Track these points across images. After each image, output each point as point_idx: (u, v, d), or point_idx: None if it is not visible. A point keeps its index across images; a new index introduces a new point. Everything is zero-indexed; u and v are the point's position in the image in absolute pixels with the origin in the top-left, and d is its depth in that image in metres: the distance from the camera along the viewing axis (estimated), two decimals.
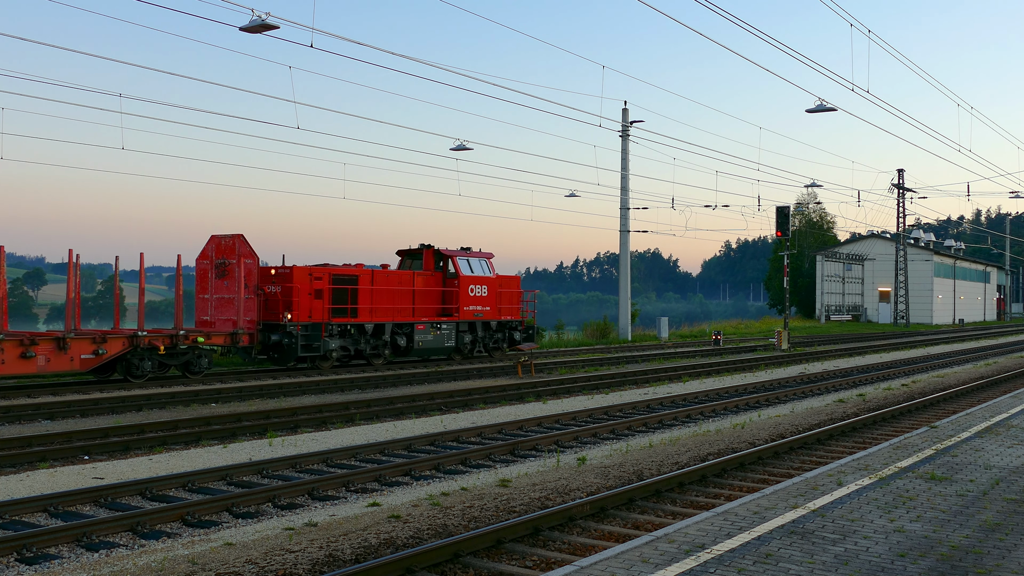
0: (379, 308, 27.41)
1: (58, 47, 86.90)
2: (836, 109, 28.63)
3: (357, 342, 26.75)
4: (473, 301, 30.01)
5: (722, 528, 7.66)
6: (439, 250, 29.95)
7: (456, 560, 7.77)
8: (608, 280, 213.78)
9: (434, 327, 28.84)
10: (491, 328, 31.09)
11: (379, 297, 27.47)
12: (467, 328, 30.12)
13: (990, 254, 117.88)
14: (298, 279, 25.33)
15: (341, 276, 26.55)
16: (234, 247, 24.58)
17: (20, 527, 9.06)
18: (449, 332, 29.33)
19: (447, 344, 29.25)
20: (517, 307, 32.23)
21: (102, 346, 21.22)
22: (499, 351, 31.79)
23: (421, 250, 30.42)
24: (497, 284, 31.18)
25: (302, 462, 12.21)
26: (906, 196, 72.98)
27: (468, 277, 29.86)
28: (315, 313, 25.55)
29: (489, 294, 30.63)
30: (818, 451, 13.89)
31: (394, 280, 28.22)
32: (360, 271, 27.08)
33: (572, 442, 14.58)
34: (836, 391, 22.83)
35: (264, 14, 18.20)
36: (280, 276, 25.58)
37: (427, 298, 29.09)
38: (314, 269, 25.92)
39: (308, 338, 25.26)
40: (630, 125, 46.11)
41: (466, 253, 30.32)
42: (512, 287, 32.10)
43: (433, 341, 28.77)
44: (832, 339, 50.29)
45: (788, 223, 38.71)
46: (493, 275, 30.99)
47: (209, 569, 7.44)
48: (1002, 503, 8.65)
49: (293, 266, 25.64)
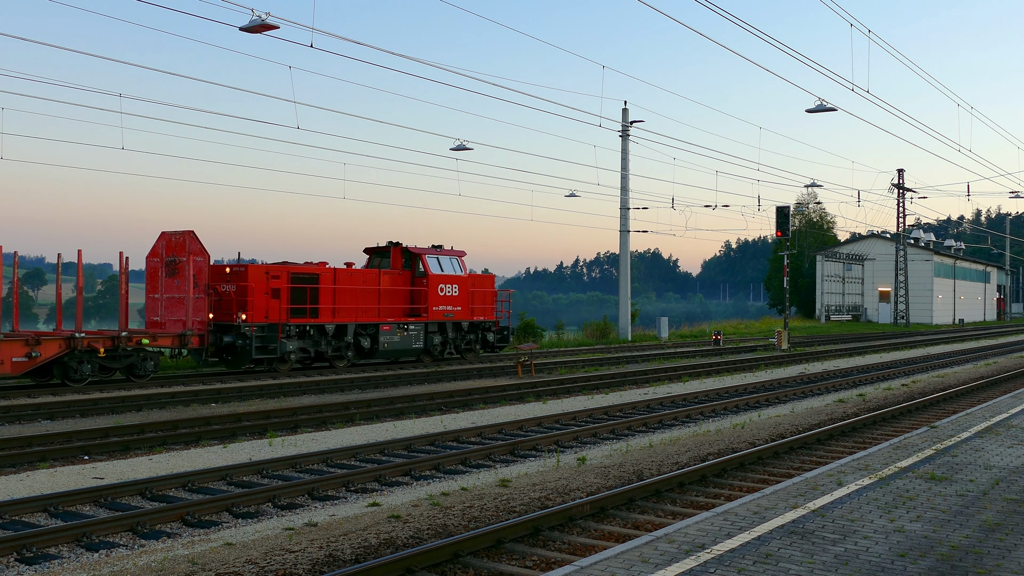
0: (342, 308, 26.42)
1: (58, 47, 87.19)
2: (836, 109, 28.64)
3: (317, 344, 25.81)
4: (443, 301, 29.05)
5: (722, 528, 7.66)
6: (407, 248, 28.97)
7: (456, 560, 7.77)
8: (608, 280, 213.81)
9: (401, 328, 27.83)
10: (462, 329, 30.09)
11: (342, 297, 26.50)
12: (437, 329, 29.11)
13: (990, 254, 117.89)
14: (253, 278, 24.40)
15: (300, 275, 25.55)
16: (184, 244, 23.54)
17: (20, 527, 9.06)
18: (417, 333, 28.31)
19: (415, 345, 28.29)
20: (491, 307, 31.18)
21: (35, 348, 20.13)
22: (471, 353, 30.75)
23: (389, 248, 29.48)
24: (469, 283, 30.20)
25: (302, 462, 12.21)
26: (906, 196, 73.03)
27: (438, 276, 28.87)
28: (272, 313, 24.61)
29: (460, 294, 29.65)
30: (818, 451, 13.89)
31: (358, 279, 27.18)
32: (321, 270, 26.13)
33: (572, 442, 14.58)
34: (836, 391, 22.83)
35: (264, 14, 18.21)
36: (235, 274, 24.54)
37: (394, 298, 28.16)
38: (271, 267, 25.07)
39: (264, 339, 24.35)
40: (630, 125, 46.12)
41: (436, 251, 29.34)
42: (485, 286, 31.15)
43: (400, 342, 27.79)
44: (832, 339, 50.29)
45: (788, 223, 38.71)
46: (464, 274, 30.02)
47: (209, 569, 7.44)
48: (1002, 503, 8.65)
49: (248, 264, 24.77)
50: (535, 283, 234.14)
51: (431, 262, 28.84)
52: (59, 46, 33.33)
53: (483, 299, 30.78)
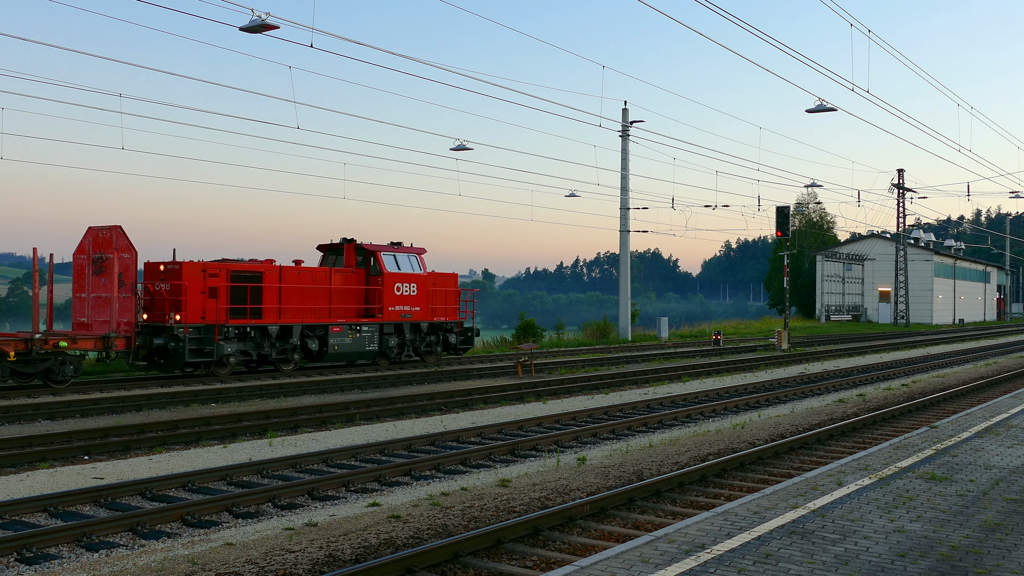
0: (288, 308, 25.05)
1: (58, 47, 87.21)
2: (836, 109, 28.64)
3: (260, 346, 24.41)
4: (400, 301, 27.64)
5: (722, 528, 7.66)
6: (361, 245, 27.61)
7: (456, 560, 7.77)
8: (608, 280, 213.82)
9: (353, 329, 26.43)
10: (421, 330, 28.62)
11: (288, 296, 25.13)
12: (393, 330, 27.69)
13: (990, 254, 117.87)
14: (188, 276, 23.00)
15: (241, 273, 24.12)
16: (111, 240, 22.25)
17: (20, 527, 9.06)
18: (371, 334, 26.91)
19: (368, 348, 26.86)
20: (454, 307, 29.85)
21: None
22: (432, 355, 29.25)
23: (342, 245, 28.05)
24: (429, 282, 28.83)
25: (302, 462, 12.21)
26: (906, 196, 73.03)
27: (394, 274, 27.48)
28: (209, 314, 23.22)
29: (419, 293, 28.27)
30: (818, 451, 13.89)
31: (306, 277, 25.80)
32: (266, 267, 24.79)
33: (572, 442, 14.58)
34: (836, 391, 22.83)
35: (264, 14, 18.21)
36: (169, 272, 23.17)
37: (346, 297, 26.81)
38: (209, 265, 23.61)
39: (199, 341, 22.93)
40: (630, 125, 46.13)
41: (393, 248, 27.98)
42: (448, 286, 29.81)
43: (352, 345, 26.35)
44: (832, 339, 50.29)
45: (788, 223, 38.72)
46: (424, 272, 28.62)
47: (209, 569, 7.44)
48: (1002, 503, 8.65)
49: (183, 261, 23.28)
50: (535, 283, 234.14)
51: (387, 260, 27.54)
52: (59, 46, 33.34)
53: (445, 299, 29.52)
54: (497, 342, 41.44)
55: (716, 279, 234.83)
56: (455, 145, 35.23)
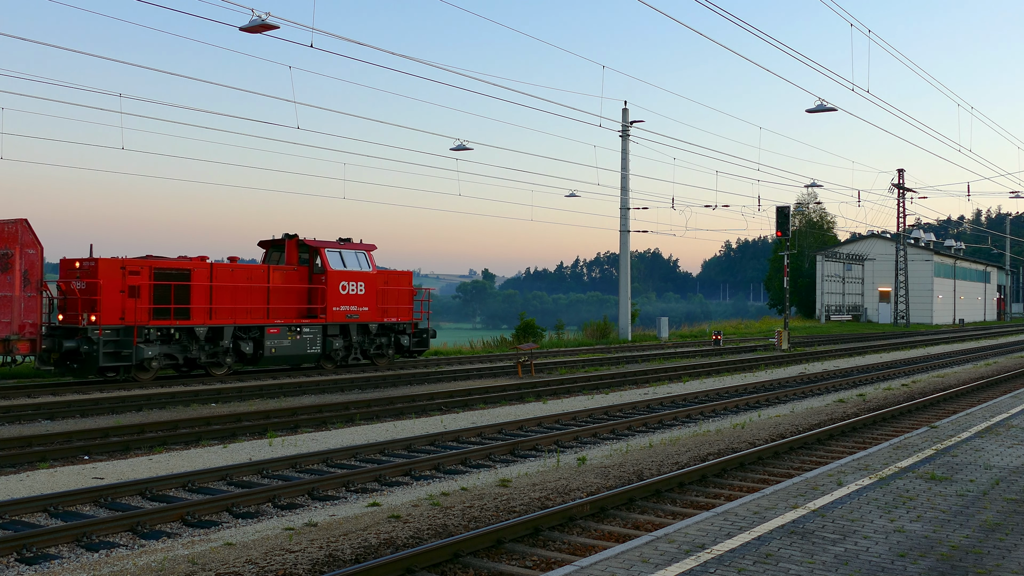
0: (220, 308, 23.55)
1: (58, 47, 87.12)
2: (836, 109, 28.65)
3: (187, 349, 22.90)
4: (346, 300, 26.23)
5: (722, 528, 7.66)
6: (304, 241, 26.12)
7: (456, 560, 7.77)
8: (608, 280, 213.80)
9: (292, 331, 24.89)
10: (370, 332, 27.17)
11: (220, 295, 23.63)
12: (338, 332, 26.26)
13: (990, 254, 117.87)
14: (105, 273, 21.48)
15: (167, 270, 22.63)
16: (16, 235, 20.64)
17: (20, 527, 9.06)
18: (313, 336, 25.39)
19: (310, 350, 25.37)
20: (407, 307, 28.39)
21: None
22: (384, 358, 27.91)
23: (284, 241, 26.62)
24: (379, 281, 27.46)
25: (302, 462, 12.22)
26: (906, 196, 73.03)
27: (339, 272, 26.08)
28: (129, 314, 21.68)
29: (368, 292, 26.86)
30: (818, 451, 13.89)
31: (241, 275, 24.30)
32: (195, 264, 23.29)
33: (572, 442, 14.58)
34: (836, 391, 22.83)
35: (264, 14, 18.21)
36: (84, 270, 21.72)
37: (287, 297, 25.35)
38: (130, 262, 22.11)
39: (116, 344, 21.39)
40: (630, 125, 46.13)
41: (339, 245, 26.59)
42: (400, 284, 28.41)
43: (291, 347, 24.83)
44: (832, 339, 50.30)
45: (788, 223, 38.73)
46: (373, 270, 27.21)
47: (209, 569, 7.44)
48: (1002, 503, 8.65)
49: (99, 258, 21.69)
50: (535, 283, 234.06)
51: (331, 257, 26.10)
52: (59, 46, 33.36)
53: (397, 298, 28.12)
54: (497, 342, 41.44)
55: (716, 279, 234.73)
56: (455, 145, 35.24)
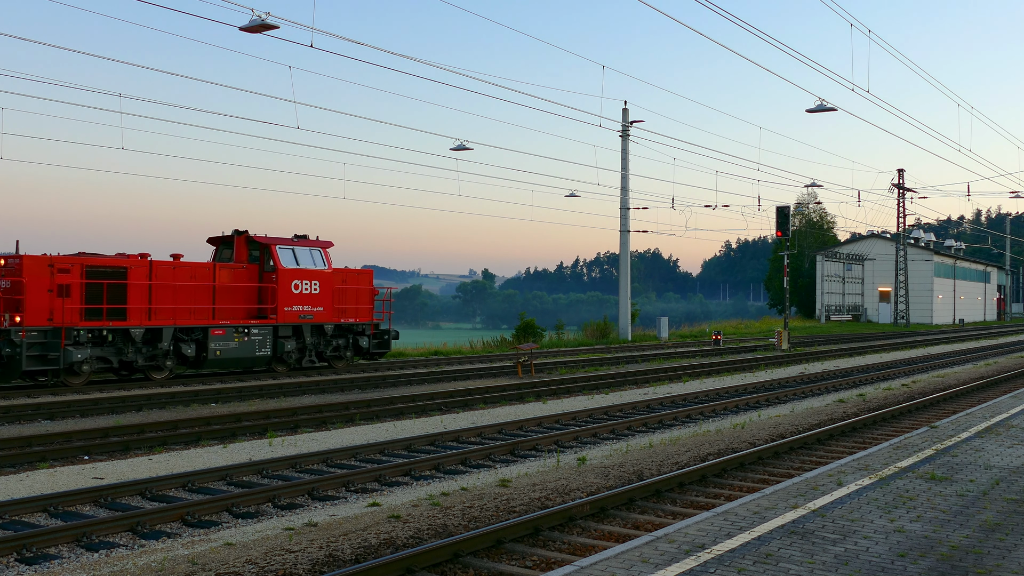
0: (161, 308, 22.30)
1: (58, 47, 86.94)
2: (836, 109, 28.66)
3: (122, 351, 21.57)
4: (299, 300, 24.96)
5: (722, 528, 7.66)
6: (253, 237, 24.82)
7: (456, 560, 7.77)
8: (608, 280, 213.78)
9: (240, 332, 23.55)
10: (325, 333, 25.93)
11: (161, 295, 22.36)
12: (291, 333, 24.96)
13: (990, 254, 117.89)
14: (30, 272, 20.24)
15: (100, 268, 21.34)
16: None
17: (20, 527, 9.06)
18: (263, 338, 24.07)
19: (260, 352, 24.03)
20: (367, 307, 27.14)
21: None
22: (342, 361, 26.68)
23: (233, 237, 25.32)
24: (336, 279, 26.25)
25: (302, 462, 12.21)
26: (906, 196, 73.04)
27: (291, 271, 24.80)
28: (57, 315, 20.45)
29: (323, 291, 25.59)
30: (818, 451, 13.89)
31: (184, 274, 22.94)
32: (132, 262, 21.96)
33: (572, 442, 14.58)
34: (836, 391, 22.83)
35: (264, 14, 18.21)
36: (9, 268, 20.44)
37: (234, 296, 24.10)
38: (58, 259, 20.87)
39: (42, 347, 20.10)
40: (630, 125, 46.14)
41: (292, 241, 25.24)
42: (360, 283, 27.17)
43: (238, 349, 23.50)
44: (832, 339, 50.29)
45: (788, 223, 38.73)
46: (329, 269, 25.90)
47: (209, 569, 7.44)
48: (1002, 503, 8.65)
49: (24, 255, 20.41)
50: (535, 283, 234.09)
51: (282, 254, 24.76)
52: (59, 46, 33.34)
53: (356, 298, 26.90)
54: (497, 342, 41.45)
55: (716, 279, 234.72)
56: (455, 145, 35.24)
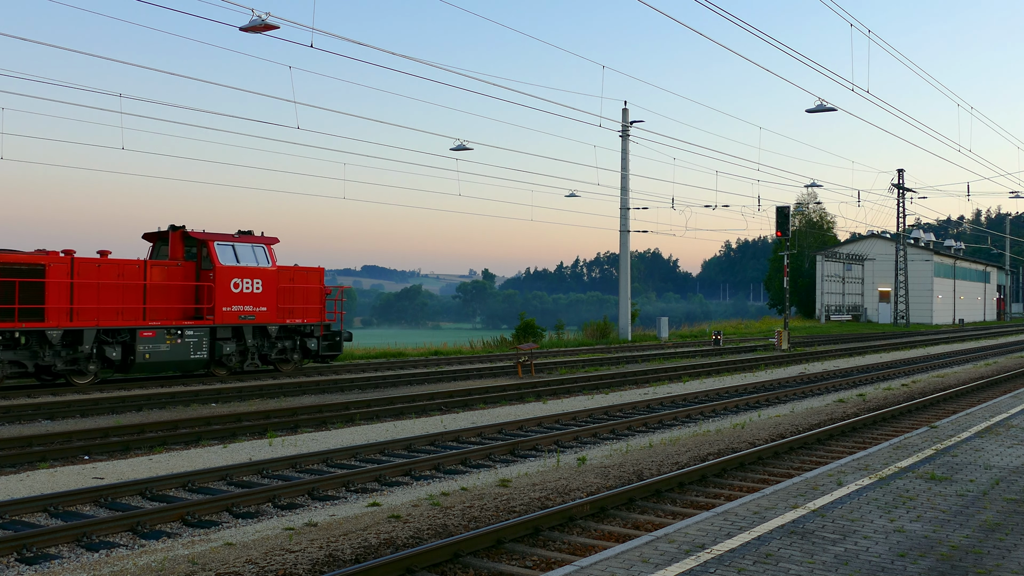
0: (84, 309, 20.91)
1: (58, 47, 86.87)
2: (836, 109, 28.64)
3: (37, 355, 20.20)
4: (239, 299, 23.53)
5: (722, 528, 7.66)
6: (190, 233, 23.39)
7: (456, 560, 7.77)
8: (608, 280, 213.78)
9: (172, 333, 22.11)
10: (269, 334, 24.53)
11: (84, 294, 20.98)
12: (230, 335, 23.54)
13: (990, 254, 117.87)
14: None
15: (12, 266, 20.01)
16: None
17: (20, 527, 9.06)
18: (198, 340, 22.64)
19: (195, 355, 22.58)
20: (316, 307, 25.76)
21: None
22: (288, 364, 25.35)
23: (168, 233, 23.90)
24: (282, 278, 24.95)
25: (302, 462, 12.21)
26: (906, 196, 73.03)
27: (230, 268, 23.36)
28: None
29: (266, 290, 24.18)
30: (818, 451, 13.89)
31: (110, 272, 21.49)
32: (52, 259, 20.64)
33: (572, 442, 14.58)
34: (836, 391, 22.83)
35: (264, 14, 18.21)
36: None
37: (167, 295, 22.65)
38: None
39: None
40: (630, 125, 46.13)
41: (231, 237, 23.73)
42: (308, 282, 25.78)
43: (170, 352, 22.04)
44: (832, 339, 50.29)
45: (788, 223, 38.74)
46: (272, 266, 24.49)
47: (209, 569, 7.44)
48: (1002, 503, 8.65)
49: None
50: (535, 283, 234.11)
51: (221, 251, 23.31)
52: (59, 46, 33.30)
53: (304, 297, 25.56)
54: (497, 342, 41.46)
55: (716, 279, 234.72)
56: (455, 145, 35.24)
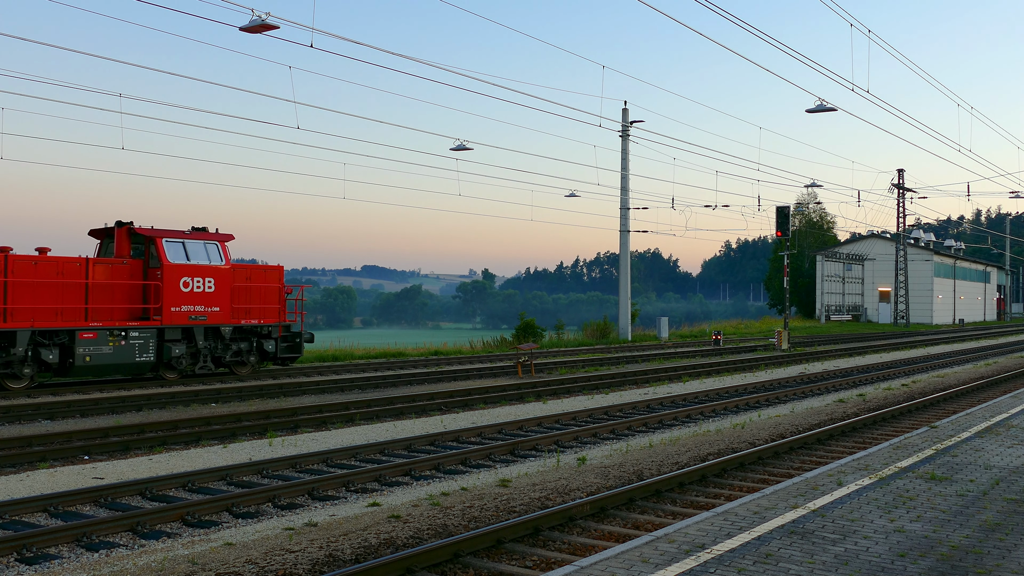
0: (18, 309, 19.96)
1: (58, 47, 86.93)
2: (836, 109, 28.64)
3: None
4: (189, 299, 22.41)
5: (722, 528, 7.66)
6: (136, 230, 22.19)
7: (456, 560, 7.77)
8: (608, 280, 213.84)
9: (115, 335, 20.98)
10: (223, 336, 23.43)
11: (18, 293, 20.01)
12: (180, 336, 22.44)
13: (990, 254, 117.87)
14: None
15: None
16: None
17: (20, 527, 9.06)
18: (144, 342, 21.51)
19: (140, 358, 21.44)
20: (274, 307, 24.64)
21: None
22: (245, 366, 24.26)
23: (114, 229, 22.83)
24: (238, 276, 23.94)
25: (302, 462, 12.21)
26: (906, 196, 73.02)
27: (180, 266, 22.23)
28: None
29: (219, 290, 23.03)
30: (818, 451, 13.89)
31: (48, 270, 20.53)
32: None
33: (572, 442, 14.58)
34: (836, 391, 22.83)
35: (264, 14, 18.21)
36: None
37: (112, 295, 21.59)
38: None
39: None
40: (630, 125, 46.14)
41: (180, 234, 22.58)
42: (266, 281, 24.69)
43: (113, 355, 20.92)
44: (832, 339, 50.28)
45: (788, 223, 38.74)
46: (227, 264, 23.37)
47: (209, 569, 7.44)
48: (1002, 503, 8.65)
49: None
50: (535, 283, 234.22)
51: (169, 248, 22.15)
52: (59, 46, 33.30)
53: (261, 297, 24.48)
54: (497, 342, 41.46)
55: (716, 279, 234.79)
56: (455, 145, 35.24)
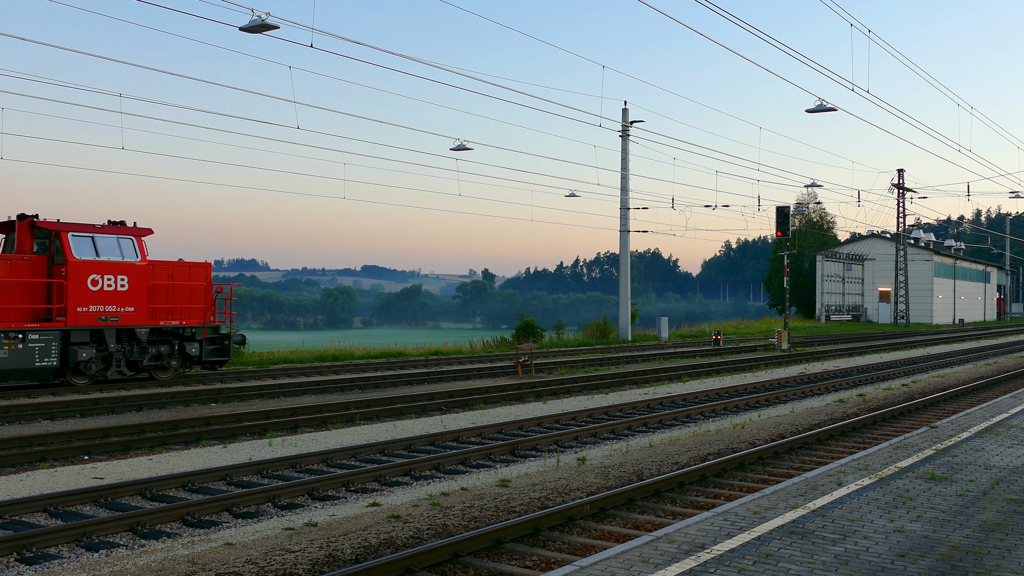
0: None
1: (58, 47, 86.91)
2: (836, 109, 28.65)
3: None
4: (99, 298, 20.68)
5: (722, 528, 7.66)
6: (39, 223, 20.56)
7: (456, 560, 7.77)
8: (608, 280, 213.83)
9: (11, 337, 19.36)
10: (138, 338, 21.68)
11: None
12: (87, 338, 20.77)
13: (990, 254, 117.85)
14: None
15: None
16: None
17: (20, 527, 9.06)
18: (45, 345, 19.83)
19: (41, 363, 19.80)
20: (200, 307, 22.88)
21: None
22: (167, 371, 22.53)
23: (14, 223, 21.18)
24: (157, 274, 22.10)
25: (302, 462, 12.21)
26: (906, 196, 73.02)
27: (88, 263, 20.51)
28: None
29: (133, 288, 21.25)
30: (818, 451, 13.89)
31: None
32: None
33: (572, 442, 14.58)
34: (836, 391, 22.83)
35: (264, 14, 18.22)
36: None
37: (8, 294, 19.90)
38: None
39: None
40: (630, 125, 46.14)
41: (89, 228, 20.82)
42: (191, 279, 22.85)
43: (9, 359, 19.28)
44: (832, 339, 50.28)
45: (788, 223, 38.74)
46: (143, 261, 21.56)
47: (209, 569, 7.44)
48: (1002, 503, 8.65)
49: None
50: (535, 283, 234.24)
51: (76, 243, 20.45)
52: (59, 46, 33.30)
53: (186, 296, 22.66)
54: (497, 342, 41.46)
55: (716, 279, 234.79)
56: (455, 145, 35.25)
